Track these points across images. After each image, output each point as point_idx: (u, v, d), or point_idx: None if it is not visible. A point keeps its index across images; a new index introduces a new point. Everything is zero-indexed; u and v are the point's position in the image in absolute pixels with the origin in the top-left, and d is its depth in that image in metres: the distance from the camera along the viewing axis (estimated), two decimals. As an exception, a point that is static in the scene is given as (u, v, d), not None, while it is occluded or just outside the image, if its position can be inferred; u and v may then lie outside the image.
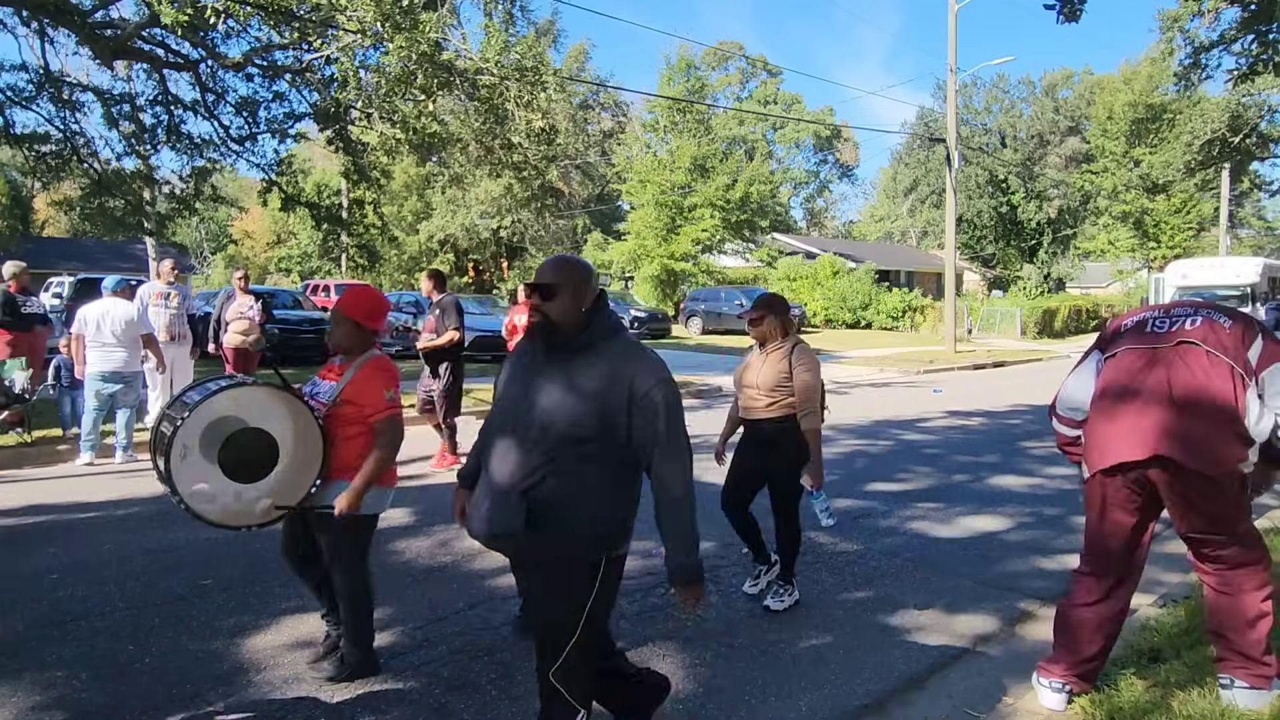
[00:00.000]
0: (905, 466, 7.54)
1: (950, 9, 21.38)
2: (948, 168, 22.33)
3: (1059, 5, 9.16)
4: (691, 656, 3.54)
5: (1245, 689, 2.81)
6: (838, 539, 5.23)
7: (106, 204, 17.06)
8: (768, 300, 4.15)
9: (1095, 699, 2.95)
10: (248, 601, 4.05)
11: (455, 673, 3.34)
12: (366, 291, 3.30)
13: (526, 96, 13.85)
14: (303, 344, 15.54)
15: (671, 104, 39.01)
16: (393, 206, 38.98)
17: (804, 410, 3.91)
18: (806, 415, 3.91)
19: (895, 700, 3.20)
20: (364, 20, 11.42)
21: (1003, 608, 4.14)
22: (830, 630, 3.84)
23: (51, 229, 45.69)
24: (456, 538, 5.13)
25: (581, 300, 2.28)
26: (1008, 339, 28.76)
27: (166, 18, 10.70)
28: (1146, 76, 40.54)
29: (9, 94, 14.55)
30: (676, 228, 33.66)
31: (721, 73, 59.25)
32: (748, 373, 4.12)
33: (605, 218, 46.82)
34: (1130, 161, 41.32)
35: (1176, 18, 22.67)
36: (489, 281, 44.62)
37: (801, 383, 3.92)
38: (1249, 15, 14.63)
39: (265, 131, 16.03)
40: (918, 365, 17.81)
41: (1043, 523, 5.64)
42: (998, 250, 42.23)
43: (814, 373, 3.96)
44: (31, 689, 3.16)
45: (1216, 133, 31.46)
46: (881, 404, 11.99)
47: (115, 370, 7.11)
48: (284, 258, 50.98)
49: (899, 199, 62.22)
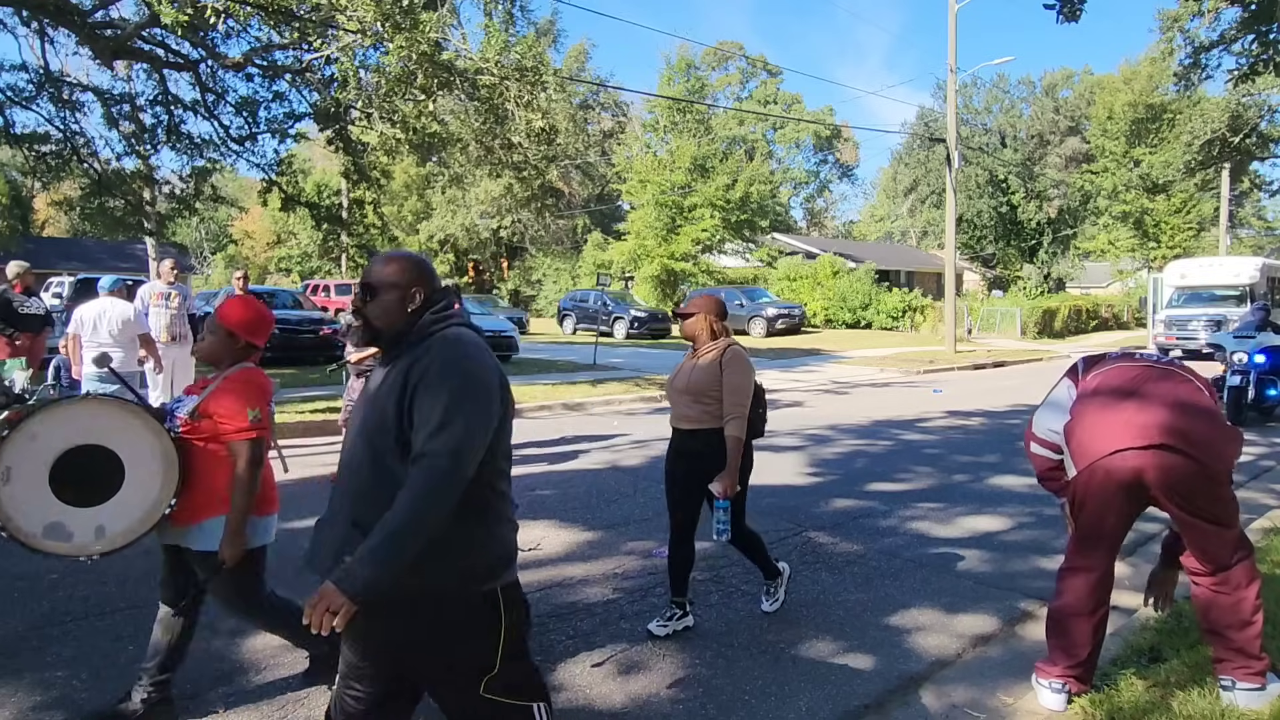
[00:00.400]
0: (905, 466, 7.54)
1: (950, 9, 21.38)
2: (948, 168, 22.33)
3: (1059, 5, 9.17)
4: (691, 656, 3.54)
5: (1245, 689, 2.84)
6: (838, 539, 5.23)
7: (106, 204, 17.09)
8: (704, 298, 3.93)
9: (1095, 699, 2.95)
10: (248, 601, 4.05)
11: (455, 673, 3.34)
12: (251, 302, 3.02)
13: (526, 96, 13.85)
14: (303, 344, 15.55)
15: (671, 104, 39.05)
16: (393, 206, 39.03)
17: (729, 415, 3.67)
18: (731, 420, 3.66)
19: (895, 700, 3.20)
20: (364, 20, 11.41)
21: (1003, 608, 4.14)
22: (830, 630, 3.84)
23: (51, 229, 45.72)
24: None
25: (408, 302, 2.00)
26: (1008, 339, 28.76)
27: (166, 18, 10.70)
28: (1146, 76, 40.53)
29: (9, 94, 14.58)
30: (676, 228, 33.67)
31: (721, 73, 59.26)
32: (677, 378, 3.87)
33: (605, 218, 46.82)
34: (1130, 161, 41.33)
35: (1176, 18, 22.70)
36: (489, 281, 44.65)
37: (729, 385, 3.68)
38: (1249, 15, 14.64)
39: (265, 131, 16.06)
40: (918, 365, 17.80)
41: (1043, 523, 5.64)
42: (998, 250, 42.26)
43: (745, 377, 3.72)
44: (31, 689, 3.16)
45: (1216, 133, 31.48)
46: (881, 404, 11.99)
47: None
48: (284, 258, 51.00)
49: (899, 199, 62.19)
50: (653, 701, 3.15)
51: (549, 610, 4.00)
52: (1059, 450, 3.02)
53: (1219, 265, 21.76)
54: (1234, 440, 2.75)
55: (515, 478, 2.11)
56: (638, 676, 3.35)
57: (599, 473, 7.01)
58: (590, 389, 12.44)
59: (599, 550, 4.96)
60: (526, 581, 4.36)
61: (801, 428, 9.60)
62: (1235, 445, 2.75)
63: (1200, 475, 2.69)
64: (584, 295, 28.78)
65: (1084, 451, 2.86)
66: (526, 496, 6.25)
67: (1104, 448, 2.79)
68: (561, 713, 3.06)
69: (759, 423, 3.89)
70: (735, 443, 3.65)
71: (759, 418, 3.87)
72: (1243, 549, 2.85)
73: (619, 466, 7.24)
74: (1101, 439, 2.80)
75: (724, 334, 3.87)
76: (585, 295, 28.62)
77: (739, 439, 3.67)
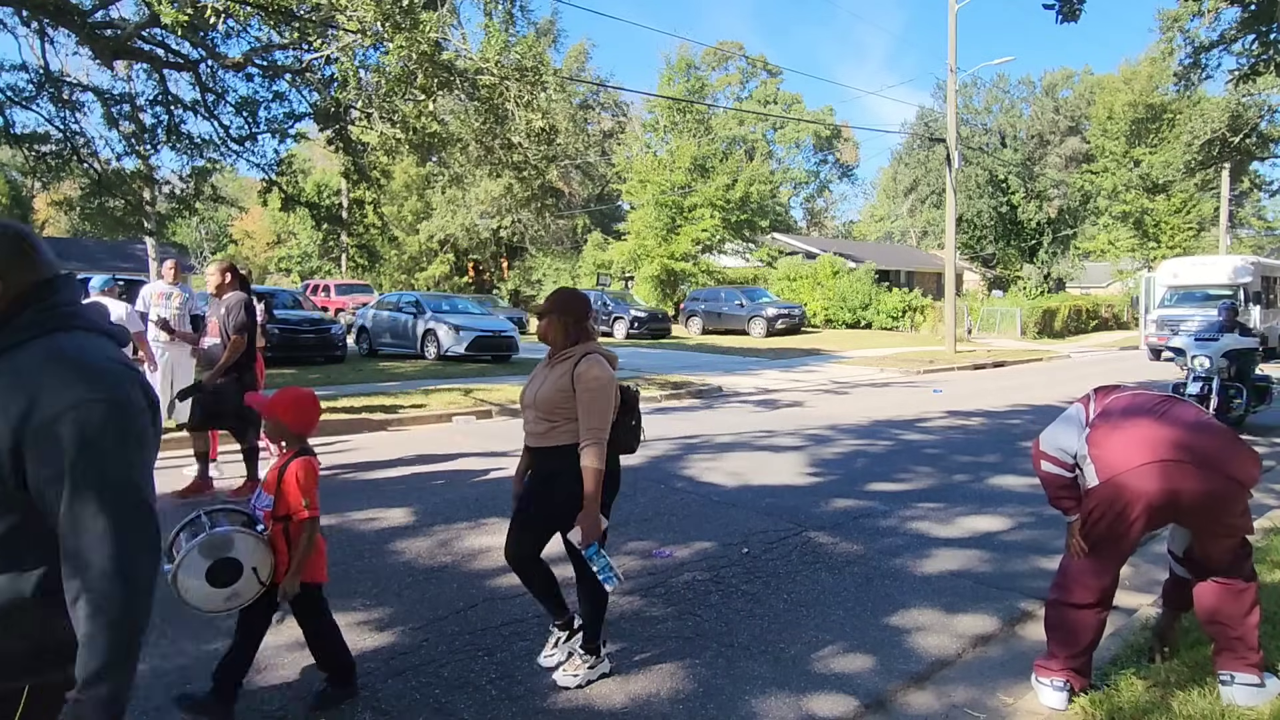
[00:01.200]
0: (905, 466, 7.54)
1: (950, 9, 21.38)
2: (948, 168, 22.33)
3: (1059, 5, 9.18)
4: (691, 656, 3.54)
5: (1244, 685, 2.88)
6: (838, 539, 5.23)
7: (106, 204, 17.10)
8: (557, 296, 3.36)
9: (1095, 699, 2.96)
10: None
11: (455, 673, 3.35)
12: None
13: (526, 96, 13.85)
14: (303, 344, 15.57)
15: (671, 104, 39.08)
16: (393, 206, 39.01)
17: (584, 441, 3.06)
18: (587, 448, 3.04)
19: (895, 700, 3.20)
20: (364, 20, 11.42)
21: (1003, 608, 4.14)
22: (830, 630, 3.84)
23: (51, 229, 45.73)
24: (456, 538, 5.14)
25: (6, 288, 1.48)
26: (1008, 339, 28.76)
27: (166, 18, 10.70)
28: (1146, 76, 40.57)
29: (9, 94, 14.58)
30: (676, 228, 33.69)
31: (721, 73, 59.30)
32: (527, 389, 3.32)
33: (605, 218, 46.84)
34: (1130, 161, 41.35)
35: (1176, 17, 22.71)
36: (489, 281, 44.66)
37: (583, 404, 3.06)
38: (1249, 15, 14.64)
39: (265, 131, 16.08)
40: (918, 365, 17.80)
41: (1043, 523, 5.64)
42: (998, 250, 42.23)
43: (602, 392, 3.08)
44: (31, 689, 3.15)
45: (1216, 133, 31.47)
46: (881, 404, 11.99)
47: None
48: (284, 258, 51.04)
49: (899, 199, 62.24)
50: (653, 701, 3.15)
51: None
52: (1072, 469, 3.04)
53: (1212, 264, 21.38)
54: (1255, 460, 2.82)
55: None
56: (638, 676, 3.35)
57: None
58: (590, 389, 12.43)
59: (599, 550, 4.95)
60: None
61: (801, 428, 9.60)
62: (1257, 464, 2.82)
63: (1223, 491, 2.76)
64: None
65: (1108, 463, 2.88)
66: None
67: (1130, 461, 2.82)
68: (562, 712, 3.06)
69: (629, 436, 3.28)
70: (593, 476, 3.03)
71: (630, 430, 3.28)
72: (1245, 546, 2.95)
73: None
74: (1128, 452, 2.85)
75: (583, 337, 3.26)
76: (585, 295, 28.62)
77: (597, 470, 3.04)
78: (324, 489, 3.36)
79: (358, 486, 6.54)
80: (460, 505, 5.92)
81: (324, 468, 6.97)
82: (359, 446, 8.22)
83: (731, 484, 6.70)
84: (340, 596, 4.15)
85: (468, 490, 6.43)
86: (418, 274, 41.89)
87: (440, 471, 7.15)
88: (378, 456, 7.73)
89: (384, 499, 6.07)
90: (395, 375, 14.08)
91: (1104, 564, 2.99)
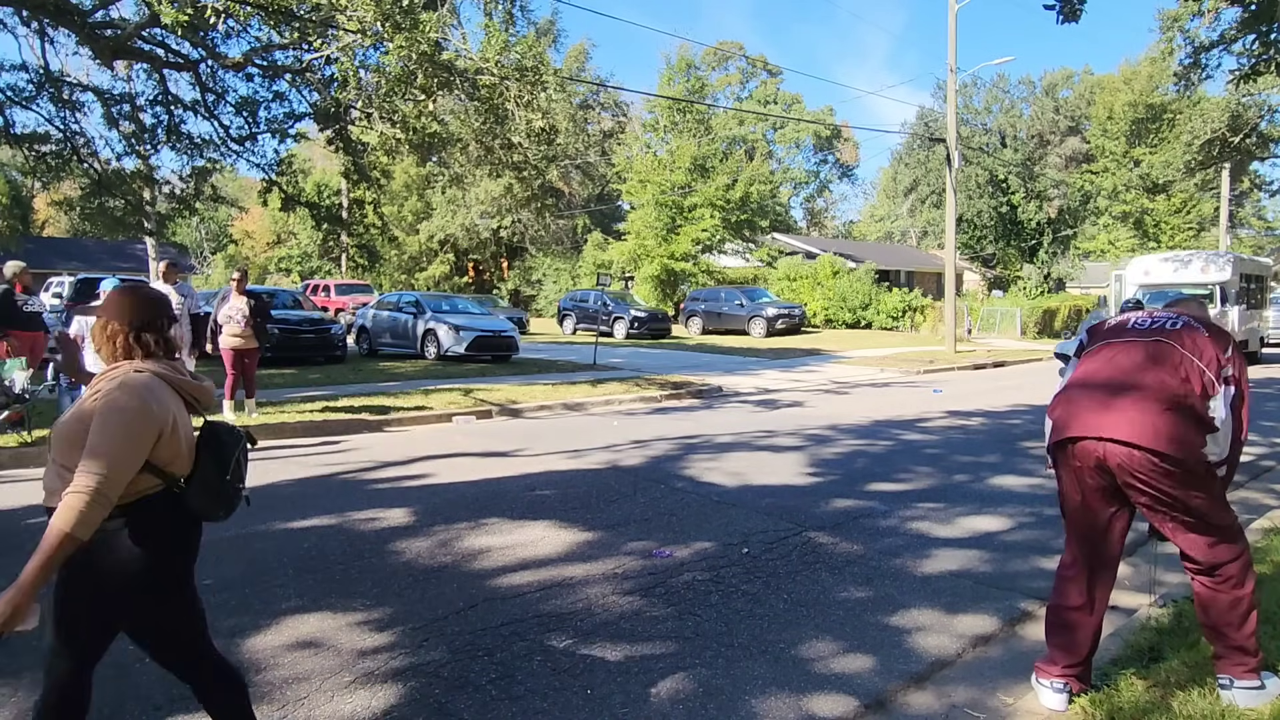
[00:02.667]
0: (905, 466, 7.54)
1: (950, 9, 21.38)
2: (948, 168, 22.33)
3: (1059, 5, 9.17)
4: (691, 656, 3.54)
5: (1244, 689, 2.86)
6: (838, 539, 5.23)
7: (106, 204, 17.12)
8: (114, 294, 2.39)
9: (1095, 699, 2.96)
10: (248, 601, 4.05)
11: (455, 673, 3.34)
12: None
13: (526, 96, 13.86)
14: (303, 344, 15.57)
15: (671, 104, 39.02)
16: (393, 206, 39.03)
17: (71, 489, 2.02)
18: (71, 496, 2.01)
19: (895, 700, 3.20)
20: (364, 20, 11.42)
21: (1003, 608, 4.14)
22: (830, 630, 3.84)
23: (51, 229, 45.74)
24: (456, 538, 5.14)
25: None
26: (1008, 339, 28.76)
27: (166, 18, 10.71)
28: (1146, 76, 40.61)
29: (9, 94, 14.60)
30: (676, 228, 33.69)
31: (721, 73, 59.34)
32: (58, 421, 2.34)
33: (605, 218, 46.83)
34: (1130, 161, 41.40)
35: (1176, 17, 22.69)
36: (489, 281, 44.65)
37: (89, 446, 2.05)
38: (1249, 15, 14.62)
39: (265, 131, 16.09)
40: (918, 365, 17.80)
41: (1043, 523, 5.64)
42: (998, 250, 42.20)
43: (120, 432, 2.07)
44: (31, 689, 3.15)
45: (1216, 133, 31.45)
46: (881, 404, 11.98)
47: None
48: (284, 258, 51.03)
49: (899, 199, 62.24)
50: (653, 701, 3.15)
51: (549, 610, 4.00)
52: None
53: (1186, 262, 19.85)
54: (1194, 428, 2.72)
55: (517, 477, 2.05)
56: (638, 676, 3.35)
57: (599, 473, 7.00)
58: (590, 389, 12.44)
59: (599, 550, 4.96)
60: (527, 581, 4.37)
61: (801, 428, 9.60)
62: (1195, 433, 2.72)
63: (1159, 470, 2.72)
64: (584, 295, 28.80)
65: (1054, 428, 2.98)
66: (527, 496, 6.25)
67: (1069, 431, 2.89)
68: (561, 712, 3.06)
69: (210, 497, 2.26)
70: (54, 541, 1.98)
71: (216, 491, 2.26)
72: (1238, 544, 2.89)
73: (619, 466, 7.22)
74: (1071, 421, 2.90)
75: (133, 352, 2.26)
76: (585, 295, 28.63)
77: (63, 534, 1.97)
78: (324, 489, 3.36)
79: (358, 487, 6.54)
80: (460, 505, 5.91)
81: (324, 468, 6.99)
82: (359, 446, 8.22)
83: (731, 484, 6.70)
84: (340, 596, 4.16)
85: (468, 490, 6.43)
86: (418, 274, 41.91)
87: (440, 471, 7.14)
88: (378, 457, 7.72)
89: (384, 499, 6.07)
90: (395, 375, 14.08)
91: (1084, 558, 2.99)
